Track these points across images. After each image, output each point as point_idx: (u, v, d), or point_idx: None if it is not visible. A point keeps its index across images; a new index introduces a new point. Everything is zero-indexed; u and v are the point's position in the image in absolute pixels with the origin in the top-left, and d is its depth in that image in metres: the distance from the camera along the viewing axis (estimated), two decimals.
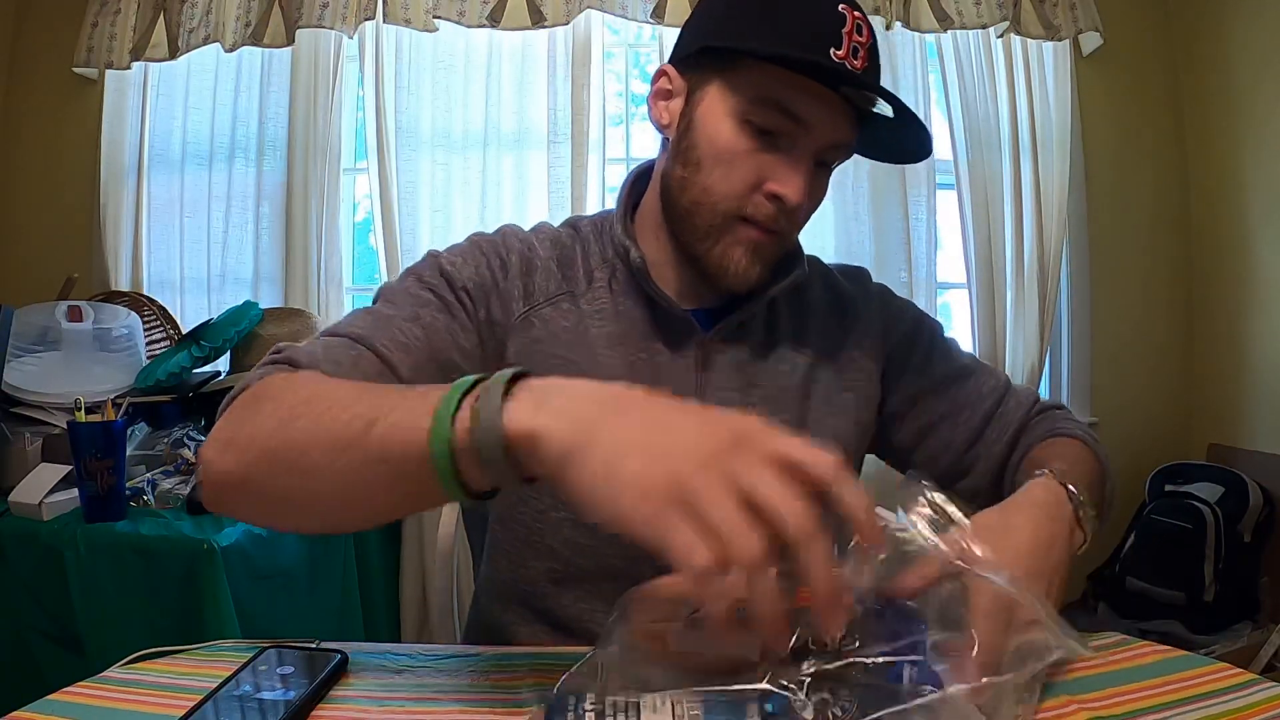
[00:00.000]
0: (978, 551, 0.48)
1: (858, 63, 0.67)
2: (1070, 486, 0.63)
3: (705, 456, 0.40)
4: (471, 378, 0.47)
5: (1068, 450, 0.74)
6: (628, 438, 0.42)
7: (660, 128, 0.76)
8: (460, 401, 0.45)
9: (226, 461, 0.53)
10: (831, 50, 0.65)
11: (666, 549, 0.39)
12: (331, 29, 2.07)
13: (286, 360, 0.62)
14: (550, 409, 0.44)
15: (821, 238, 2.07)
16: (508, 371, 0.46)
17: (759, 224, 0.70)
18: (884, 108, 0.70)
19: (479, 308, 0.73)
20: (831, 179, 0.75)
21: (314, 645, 0.59)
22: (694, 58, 0.73)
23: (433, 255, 0.75)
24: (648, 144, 2.22)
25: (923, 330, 0.85)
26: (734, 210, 0.70)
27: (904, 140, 0.74)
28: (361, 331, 0.66)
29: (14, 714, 0.50)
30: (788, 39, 0.66)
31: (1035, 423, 0.81)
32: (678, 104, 0.74)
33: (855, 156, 0.76)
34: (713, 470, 0.40)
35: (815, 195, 0.73)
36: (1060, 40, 2.09)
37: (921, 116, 2.05)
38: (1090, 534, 0.63)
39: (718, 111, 0.70)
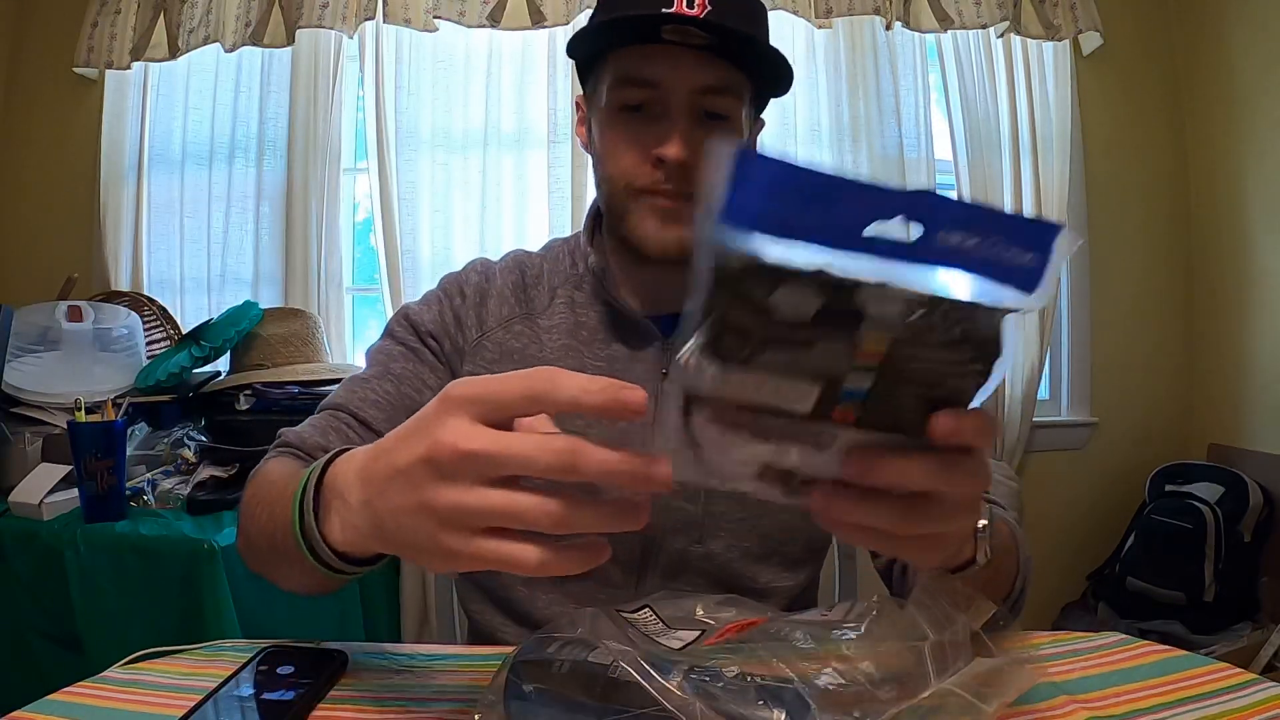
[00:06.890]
0: None
1: (694, 10, 0.68)
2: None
3: (424, 471, 0.40)
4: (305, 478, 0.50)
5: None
6: (367, 496, 0.44)
7: (587, 151, 0.82)
8: (301, 500, 0.50)
9: (247, 559, 0.67)
10: (664, 9, 0.68)
11: (500, 566, 0.40)
12: (331, 29, 2.07)
13: (283, 444, 0.73)
14: (338, 507, 0.47)
15: None
16: (318, 467, 0.50)
17: (660, 192, 0.73)
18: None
19: (443, 344, 0.81)
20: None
21: (314, 645, 0.59)
22: (582, 78, 0.81)
23: (403, 309, 0.84)
24: None
25: None
26: (632, 185, 0.74)
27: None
28: (342, 400, 0.77)
29: (14, 714, 0.50)
30: (616, 11, 0.72)
31: None
32: (586, 126, 0.82)
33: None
34: (444, 478, 0.39)
35: None
36: (1060, 40, 2.09)
37: (919, 118, 2.10)
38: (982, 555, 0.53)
39: (600, 112, 0.77)
